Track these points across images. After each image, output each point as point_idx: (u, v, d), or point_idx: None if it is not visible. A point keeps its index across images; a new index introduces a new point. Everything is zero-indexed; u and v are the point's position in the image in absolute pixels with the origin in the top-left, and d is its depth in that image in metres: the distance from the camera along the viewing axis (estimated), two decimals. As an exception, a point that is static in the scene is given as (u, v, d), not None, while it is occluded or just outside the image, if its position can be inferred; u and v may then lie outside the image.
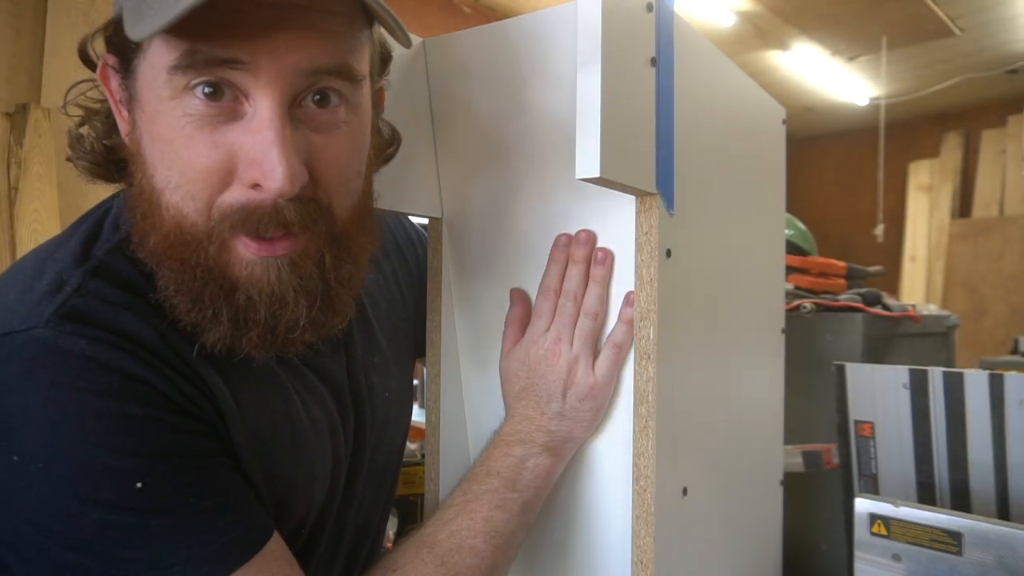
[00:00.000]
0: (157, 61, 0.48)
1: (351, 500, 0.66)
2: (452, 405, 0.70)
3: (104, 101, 0.56)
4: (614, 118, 0.49)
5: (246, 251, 0.51)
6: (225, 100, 0.48)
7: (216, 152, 0.49)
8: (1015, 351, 2.85)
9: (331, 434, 0.63)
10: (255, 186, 0.49)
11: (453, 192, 0.69)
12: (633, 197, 0.55)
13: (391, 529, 1.14)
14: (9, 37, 2.35)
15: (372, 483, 0.70)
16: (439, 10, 3.80)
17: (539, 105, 0.63)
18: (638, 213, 0.55)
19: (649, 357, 0.54)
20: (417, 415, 2.14)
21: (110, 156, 0.56)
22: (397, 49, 0.65)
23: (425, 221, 0.71)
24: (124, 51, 0.51)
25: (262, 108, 0.48)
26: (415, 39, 0.67)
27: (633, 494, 0.55)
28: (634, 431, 0.55)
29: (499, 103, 0.65)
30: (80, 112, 0.57)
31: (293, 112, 0.50)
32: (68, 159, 0.57)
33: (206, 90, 0.48)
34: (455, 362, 0.70)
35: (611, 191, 0.55)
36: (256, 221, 0.49)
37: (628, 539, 0.56)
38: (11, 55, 2.36)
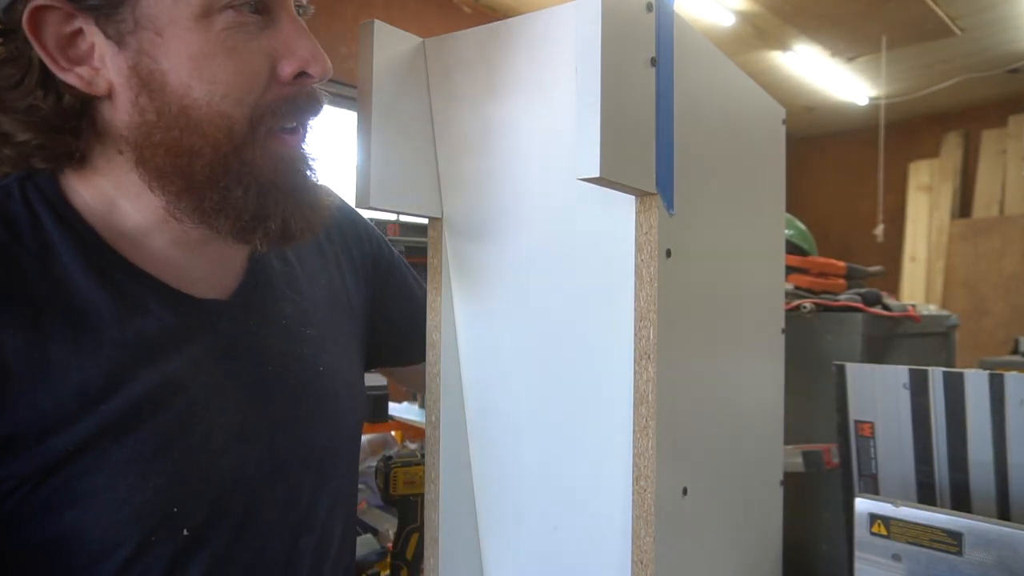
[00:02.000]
0: None
1: (273, 482, 0.63)
2: (452, 405, 0.70)
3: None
4: (614, 118, 0.49)
5: (280, 146, 0.59)
6: (255, 13, 0.56)
7: (259, 57, 0.56)
8: (1015, 351, 2.86)
9: (220, 401, 0.60)
10: (299, 78, 0.58)
11: (453, 192, 0.69)
12: (633, 197, 0.55)
13: (391, 529, 1.14)
14: (9, 37, 2.35)
15: (309, 467, 0.67)
16: (439, 10, 3.80)
17: (539, 105, 0.63)
18: (638, 213, 0.55)
19: (649, 357, 0.54)
20: (417, 415, 2.14)
21: (60, 114, 0.56)
22: (397, 49, 0.65)
23: (425, 221, 0.71)
24: None
25: (285, 14, 0.57)
26: (415, 39, 0.67)
27: (633, 494, 0.55)
28: (634, 431, 0.55)
29: (499, 103, 0.65)
30: None
31: None
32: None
33: (252, 7, 0.55)
34: (455, 362, 0.70)
35: (611, 191, 0.55)
36: (298, 113, 0.59)
37: (628, 539, 0.56)
38: (11, 55, 2.35)
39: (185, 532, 0.56)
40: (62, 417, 0.52)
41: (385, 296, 0.83)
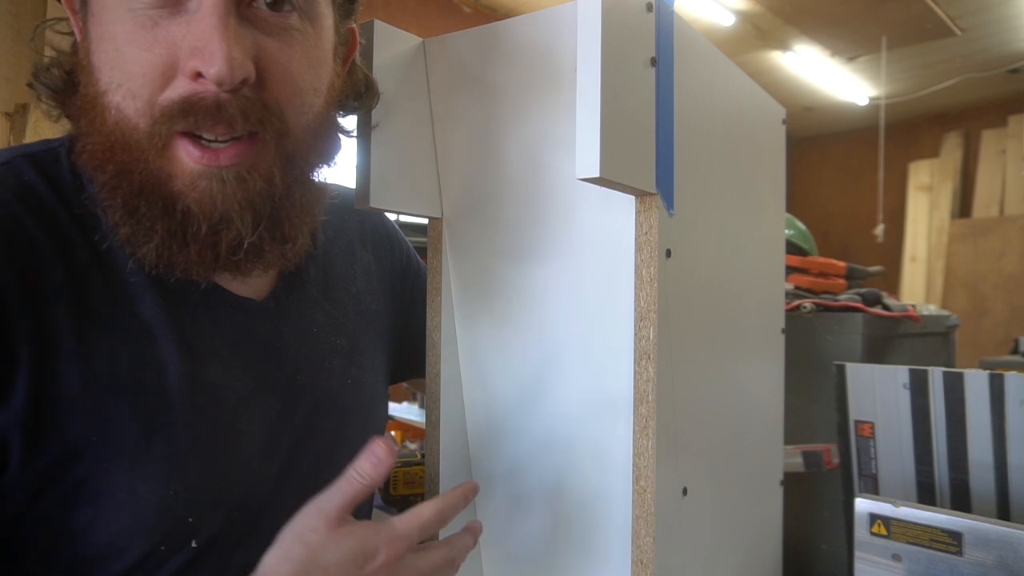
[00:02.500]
0: None
1: (289, 499, 0.59)
2: (452, 405, 0.70)
3: (72, 34, 0.55)
4: (614, 118, 0.49)
5: (189, 159, 0.49)
6: None
7: (158, 47, 0.47)
8: (1015, 351, 2.86)
9: (250, 410, 0.58)
10: (196, 77, 0.47)
11: (453, 192, 0.69)
12: (633, 197, 0.55)
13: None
14: (9, 37, 2.35)
15: (326, 486, 0.64)
16: (439, 10, 3.80)
17: (539, 105, 0.63)
18: (638, 213, 0.55)
19: (649, 357, 0.54)
20: (417, 415, 2.14)
21: (71, 83, 0.54)
22: (397, 49, 0.65)
23: (425, 221, 0.71)
24: None
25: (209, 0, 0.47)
26: (415, 39, 0.67)
27: (633, 494, 0.55)
28: (634, 431, 0.55)
29: (499, 103, 0.65)
30: (52, 53, 0.56)
31: (243, 12, 0.49)
32: (29, 84, 0.56)
33: None
34: (455, 362, 0.70)
35: (611, 191, 0.55)
36: (196, 115, 0.48)
37: (628, 539, 0.56)
38: (11, 55, 2.36)
39: (193, 544, 0.54)
40: (88, 403, 0.50)
41: (412, 308, 0.80)
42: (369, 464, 0.52)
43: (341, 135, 0.61)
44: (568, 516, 0.64)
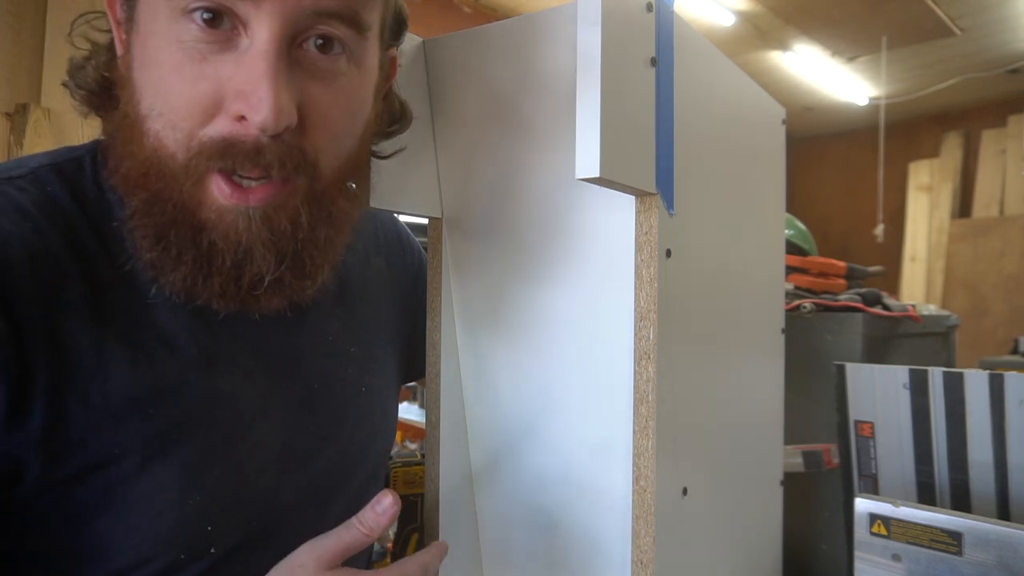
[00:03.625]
0: None
1: (306, 507, 0.61)
2: (452, 405, 0.70)
3: (110, 31, 0.54)
4: (614, 118, 0.49)
5: (220, 195, 0.49)
6: (223, 28, 0.47)
7: (204, 83, 0.47)
8: (1015, 351, 2.86)
9: (267, 419, 0.58)
10: (240, 119, 0.47)
11: (453, 192, 0.69)
12: (633, 197, 0.55)
13: (391, 529, 1.14)
14: (9, 37, 2.35)
15: (342, 493, 0.64)
16: (439, 10, 3.80)
17: (539, 105, 0.63)
18: (638, 213, 0.55)
19: (649, 357, 0.54)
20: (417, 415, 2.14)
21: (105, 85, 0.54)
22: (397, 49, 0.65)
23: (425, 221, 0.71)
24: None
25: (259, 39, 0.46)
26: (415, 39, 0.67)
27: (633, 494, 0.55)
28: (634, 431, 0.55)
29: (499, 103, 0.65)
30: (88, 46, 0.55)
31: (292, 53, 0.48)
32: (63, 83, 0.55)
33: (205, 16, 0.46)
34: (455, 362, 0.70)
35: (611, 191, 0.55)
36: (234, 157, 0.47)
37: (628, 539, 0.56)
38: (11, 55, 2.36)
39: (213, 551, 0.54)
40: (108, 417, 0.50)
41: (423, 311, 0.79)
42: (373, 515, 0.52)
43: (374, 158, 0.61)
44: (568, 516, 0.64)
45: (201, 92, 0.47)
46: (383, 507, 0.52)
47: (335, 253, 0.57)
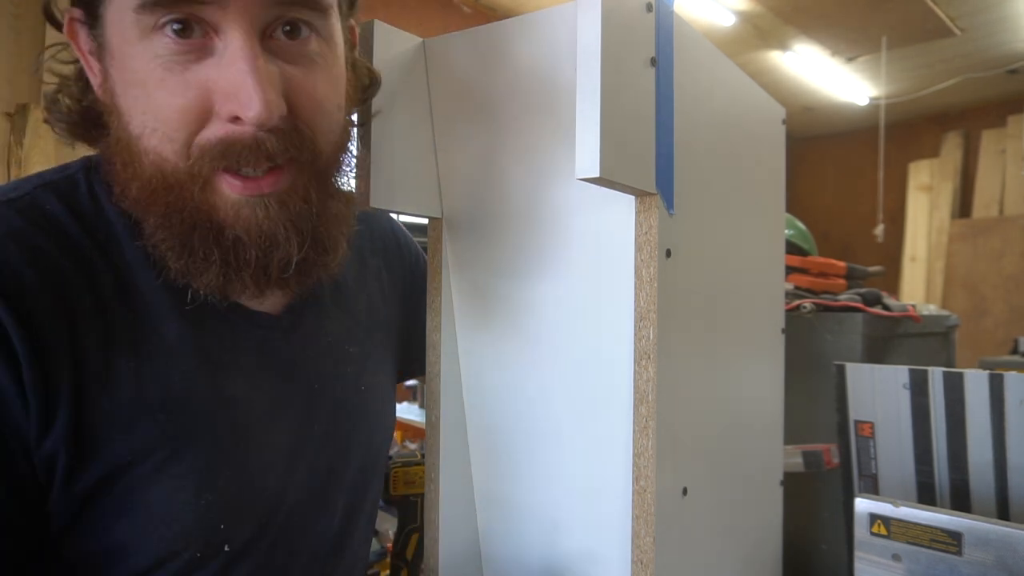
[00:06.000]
0: (124, 3, 0.48)
1: (312, 504, 0.63)
2: (452, 405, 0.70)
3: (77, 62, 0.55)
4: (614, 118, 0.49)
5: (231, 191, 0.50)
6: (195, 37, 0.48)
7: (190, 91, 0.48)
8: (1015, 351, 2.86)
9: (272, 420, 0.59)
10: (234, 120, 0.48)
11: (453, 192, 0.69)
12: (632, 197, 0.55)
13: (391, 529, 1.14)
14: (9, 37, 2.35)
15: (345, 490, 0.66)
16: (439, 10, 3.80)
17: (539, 105, 0.63)
18: (637, 213, 0.55)
19: (649, 357, 0.54)
20: (417, 415, 2.14)
21: (87, 115, 0.55)
22: (397, 49, 0.65)
23: (425, 221, 0.71)
24: (89, 0, 0.51)
25: (233, 41, 0.48)
26: (415, 39, 0.67)
27: (633, 494, 0.55)
28: (634, 431, 0.55)
29: (498, 103, 0.65)
30: (55, 79, 0.57)
31: (265, 44, 0.50)
32: (45, 121, 0.57)
33: (175, 27, 0.47)
34: (455, 362, 0.70)
35: (611, 191, 0.55)
36: (237, 155, 0.49)
37: (628, 539, 0.56)
38: (11, 55, 2.36)
39: (227, 548, 0.56)
40: (121, 425, 0.51)
41: (421, 308, 0.80)
42: None
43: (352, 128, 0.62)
44: (568, 516, 0.64)
45: (190, 100, 0.48)
46: None
47: (347, 226, 0.59)
